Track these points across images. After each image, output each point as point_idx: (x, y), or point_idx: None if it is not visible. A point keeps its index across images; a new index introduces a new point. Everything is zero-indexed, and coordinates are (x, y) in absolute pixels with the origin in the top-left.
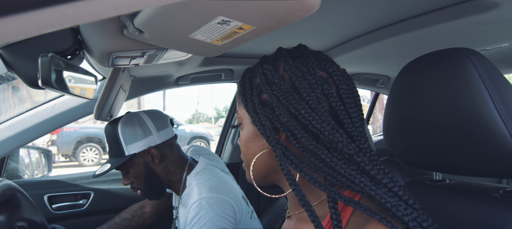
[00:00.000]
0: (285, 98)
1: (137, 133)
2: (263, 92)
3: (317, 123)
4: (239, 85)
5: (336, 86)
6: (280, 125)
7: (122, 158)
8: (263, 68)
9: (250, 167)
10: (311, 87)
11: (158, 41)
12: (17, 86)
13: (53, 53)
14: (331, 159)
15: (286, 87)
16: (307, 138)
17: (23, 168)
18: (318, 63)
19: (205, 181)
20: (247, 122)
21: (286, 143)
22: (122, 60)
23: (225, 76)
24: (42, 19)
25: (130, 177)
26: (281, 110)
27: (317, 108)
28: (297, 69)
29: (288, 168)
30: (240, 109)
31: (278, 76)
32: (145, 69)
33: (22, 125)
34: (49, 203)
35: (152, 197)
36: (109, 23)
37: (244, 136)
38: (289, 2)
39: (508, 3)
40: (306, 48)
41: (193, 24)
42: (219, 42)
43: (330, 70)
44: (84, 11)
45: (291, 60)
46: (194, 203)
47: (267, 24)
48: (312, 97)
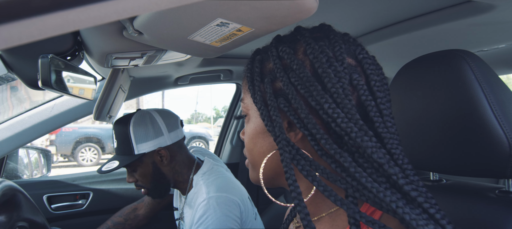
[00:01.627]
0: (305, 88)
1: (149, 133)
2: (276, 80)
3: (342, 122)
4: (246, 69)
5: (366, 77)
6: (296, 120)
7: (131, 157)
8: (278, 50)
9: (257, 166)
10: (337, 76)
11: (157, 42)
12: (15, 86)
13: (53, 55)
14: (355, 169)
15: (307, 75)
16: (328, 139)
17: (22, 168)
18: (346, 48)
19: (213, 180)
20: (254, 114)
21: (300, 144)
22: (122, 61)
23: (224, 76)
24: (45, 25)
25: (136, 175)
26: (298, 103)
27: (343, 103)
28: (322, 54)
29: (294, 177)
30: (247, 98)
31: (297, 61)
32: (144, 69)
33: (21, 125)
34: (48, 203)
35: (155, 196)
36: (108, 24)
37: (251, 130)
38: (287, 5)
39: (504, 5)
40: (330, 28)
41: (192, 26)
42: (218, 44)
43: (360, 56)
44: (86, 16)
45: (314, 42)
46: (202, 202)
47: (266, 27)
48: (338, 89)
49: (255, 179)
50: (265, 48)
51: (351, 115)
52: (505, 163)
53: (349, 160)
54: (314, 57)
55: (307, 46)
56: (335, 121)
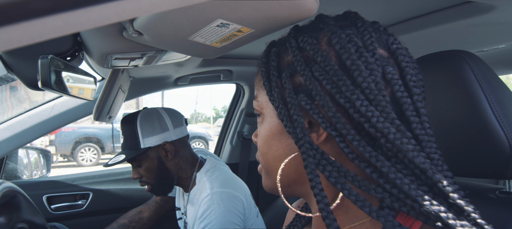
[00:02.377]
0: (331, 83)
1: (155, 128)
2: (297, 74)
3: (378, 121)
4: (260, 63)
5: (401, 70)
6: (321, 119)
7: (137, 150)
8: (298, 40)
9: (272, 173)
10: (368, 68)
11: (157, 43)
12: (15, 86)
13: (53, 55)
14: (396, 175)
15: (334, 68)
16: (361, 141)
17: (22, 169)
18: (377, 37)
19: (216, 177)
20: (270, 113)
21: (324, 146)
22: (121, 61)
23: (224, 77)
24: (45, 27)
25: (141, 171)
26: (323, 101)
27: (376, 100)
28: (350, 43)
29: (320, 185)
30: (261, 96)
31: (322, 52)
32: (144, 70)
33: (21, 125)
34: (48, 203)
35: (159, 193)
36: (108, 25)
37: (266, 131)
38: (288, 5)
39: (504, 6)
40: (357, 15)
41: (193, 27)
42: (218, 44)
43: (393, 47)
44: (86, 18)
45: (340, 30)
46: (206, 197)
47: (266, 27)
48: (371, 83)
49: (269, 186)
50: (282, 39)
51: (387, 113)
52: (505, 164)
53: (387, 164)
54: (341, 47)
55: (332, 35)
56: (369, 120)
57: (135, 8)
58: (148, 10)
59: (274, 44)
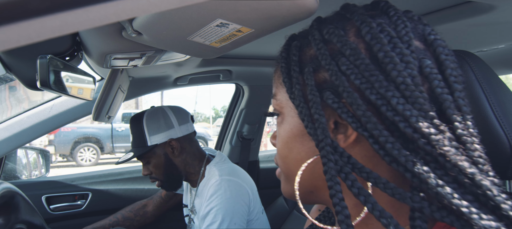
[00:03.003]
0: (362, 78)
1: (161, 125)
2: (321, 69)
3: (417, 121)
4: (280, 58)
5: (440, 64)
6: (350, 119)
7: (144, 148)
8: (322, 32)
9: (293, 177)
10: (404, 61)
11: (157, 43)
12: (14, 86)
13: (52, 55)
14: (437, 182)
15: (365, 62)
16: (395, 143)
17: (21, 169)
18: (413, 27)
19: (226, 167)
20: (290, 113)
21: (352, 149)
22: (121, 61)
23: (224, 77)
24: (44, 27)
25: (150, 167)
26: (352, 98)
27: (413, 97)
28: (383, 34)
29: (341, 195)
30: (280, 93)
31: (350, 44)
32: (143, 70)
33: (19, 125)
34: (47, 203)
35: (168, 188)
36: (107, 25)
37: (286, 132)
38: (287, 5)
39: (504, 6)
40: (388, 3)
41: (192, 26)
42: (217, 44)
43: (430, 37)
44: (85, 18)
45: (371, 19)
46: (214, 182)
47: (265, 27)
48: (407, 79)
49: (289, 192)
50: (303, 32)
51: (425, 111)
52: (506, 165)
53: (426, 169)
54: (373, 38)
55: (362, 25)
56: (407, 119)
57: (134, 8)
58: (147, 10)
59: (294, 37)
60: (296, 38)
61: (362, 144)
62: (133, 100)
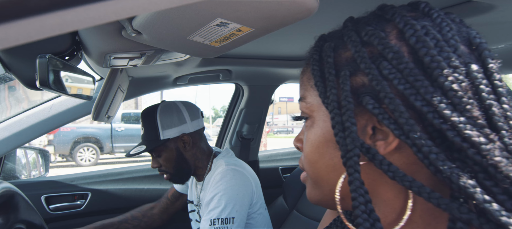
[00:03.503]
0: (406, 83)
1: (173, 120)
2: (358, 73)
3: (465, 129)
4: (311, 60)
5: (485, 69)
6: (393, 126)
7: (157, 142)
8: (360, 34)
9: (322, 183)
10: (451, 66)
11: (156, 42)
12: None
13: (51, 54)
14: (483, 198)
15: (409, 66)
16: (439, 154)
17: (20, 169)
18: (457, 30)
19: (233, 160)
20: (322, 117)
21: (391, 157)
22: (120, 61)
23: (223, 76)
24: (43, 25)
25: (161, 161)
26: (394, 104)
27: (462, 103)
28: (429, 37)
29: (363, 207)
30: (310, 97)
31: (393, 47)
32: (143, 69)
33: (19, 125)
34: (47, 203)
35: (177, 181)
36: (107, 24)
37: (317, 136)
38: (287, 5)
39: (504, 5)
40: (429, 4)
41: (192, 26)
42: (217, 44)
43: (476, 41)
44: (84, 16)
45: (414, 22)
46: (220, 171)
47: (265, 26)
48: (455, 85)
49: (317, 198)
50: (334, 33)
51: (474, 119)
52: None
53: (472, 183)
54: (418, 41)
55: (405, 27)
56: (456, 127)
57: (134, 7)
58: (146, 8)
59: (325, 38)
60: (327, 39)
61: (401, 151)
62: (133, 100)
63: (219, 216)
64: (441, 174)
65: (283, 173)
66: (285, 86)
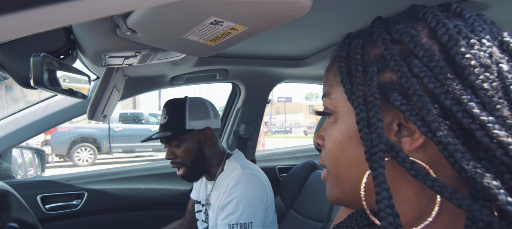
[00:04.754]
0: (436, 82)
1: (200, 113)
2: (387, 70)
3: (494, 129)
4: (338, 57)
5: None
6: (420, 123)
7: (182, 130)
8: (390, 31)
9: (344, 180)
10: (483, 66)
11: (151, 41)
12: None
13: (45, 53)
14: (506, 200)
15: (440, 64)
16: (465, 153)
17: (16, 168)
18: (489, 30)
19: (246, 162)
20: (347, 113)
21: (415, 154)
22: (116, 60)
23: (220, 76)
24: (30, 20)
25: (179, 151)
26: (422, 101)
27: (492, 103)
28: (461, 36)
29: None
30: (335, 93)
31: (424, 45)
32: (139, 69)
33: (14, 125)
34: (43, 203)
35: (190, 177)
36: (101, 23)
37: (340, 132)
38: (281, 3)
39: (498, 5)
40: (461, 5)
41: (186, 24)
42: (212, 43)
43: (506, 41)
44: (72, 12)
45: (447, 20)
46: (236, 174)
47: (259, 25)
48: (485, 84)
49: (337, 196)
50: (362, 31)
51: (504, 119)
52: None
53: (496, 184)
54: (450, 39)
55: (437, 26)
56: (485, 127)
57: (123, 2)
58: (136, 4)
59: (352, 36)
60: (355, 37)
61: (425, 148)
62: (130, 100)
63: (238, 221)
64: (466, 173)
65: (280, 173)
66: (283, 86)
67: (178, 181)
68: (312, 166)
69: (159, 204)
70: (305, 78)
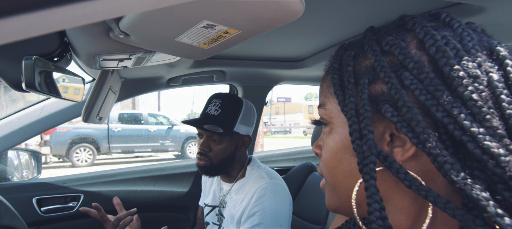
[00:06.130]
0: (426, 93)
1: (249, 120)
2: (377, 82)
3: (485, 140)
4: (331, 68)
5: (507, 78)
6: (411, 134)
7: (229, 130)
8: (381, 43)
9: (340, 190)
10: (472, 76)
11: (144, 44)
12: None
13: (38, 56)
14: (496, 211)
15: (429, 76)
16: (454, 164)
17: (12, 170)
18: (479, 39)
19: (269, 170)
20: (341, 124)
21: (407, 164)
22: (110, 62)
23: (217, 77)
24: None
25: (216, 147)
26: (411, 113)
27: (481, 114)
28: (449, 47)
29: (379, 213)
30: (330, 104)
31: (413, 57)
32: (135, 70)
33: (10, 126)
34: (38, 205)
35: (210, 171)
36: (94, 25)
37: (335, 143)
38: (273, 7)
39: (494, 7)
40: (450, 14)
41: (179, 27)
42: (206, 46)
43: (497, 50)
44: (64, 17)
45: (435, 31)
46: (263, 184)
47: (252, 29)
48: (474, 95)
49: (335, 205)
50: (355, 42)
51: (494, 130)
52: None
53: (485, 196)
54: (438, 51)
55: (425, 37)
56: (476, 139)
57: (105, 10)
58: (129, 9)
59: (345, 47)
60: (348, 48)
61: (418, 158)
62: (130, 101)
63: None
64: (455, 184)
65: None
66: (283, 86)
67: (175, 183)
68: (310, 167)
69: (156, 206)
70: (303, 79)
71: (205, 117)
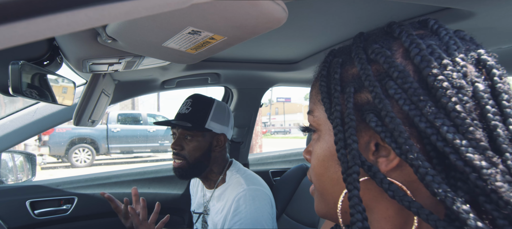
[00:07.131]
0: (410, 104)
1: (222, 118)
2: (363, 90)
3: (467, 152)
4: (319, 75)
5: (493, 88)
6: (394, 145)
7: (201, 126)
8: (367, 50)
9: (327, 196)
10: (456, 87)
11: (132, 48)
12: None
13: (25, 61)
14: (476, 225)
15: (413, 86)
16: (435, 176)
17: (6, 173)
18: (466, 48)
19: (248, 175)
20: (327, 131)
21: (392, 174)
22: (100, 66)
23: (212, 80)
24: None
25: (188, 145)
26: (394, 123)
27: (464, 125)
28: (434, 56)
29: (361, 224)
30: (318, 111)
31: (398, 66)
32: (128, 73)
33: (2, 129)
34: (32, 208)
35: (185, 173)
36: (82, 31)
37: (323, 150)
38: (255, 15)
39: (483, 12)
40: (438, 22)
41: (164, 33)
42: (193, 51)
43: (484, 59)
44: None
45: (420, 40)
46: (241, 192)
47: (237, 35)
48: (458, 106)
49: (323, 211)
50: (344, 49)
51: (477, 142)
52: None
53: (466, 209)
54: (422, 60)
55: (410, 46)
56: (458, 151)
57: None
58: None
59: (334, 53)
60: (336, 55)
61: (403, 168)
62: (129, 101)
63: None
64: (437, 196)
65: (273, 176)
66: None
67: (169, 185)
68: (304, 170)
69: (150, 209)
70: (297, 82)
71: (176, 116)
